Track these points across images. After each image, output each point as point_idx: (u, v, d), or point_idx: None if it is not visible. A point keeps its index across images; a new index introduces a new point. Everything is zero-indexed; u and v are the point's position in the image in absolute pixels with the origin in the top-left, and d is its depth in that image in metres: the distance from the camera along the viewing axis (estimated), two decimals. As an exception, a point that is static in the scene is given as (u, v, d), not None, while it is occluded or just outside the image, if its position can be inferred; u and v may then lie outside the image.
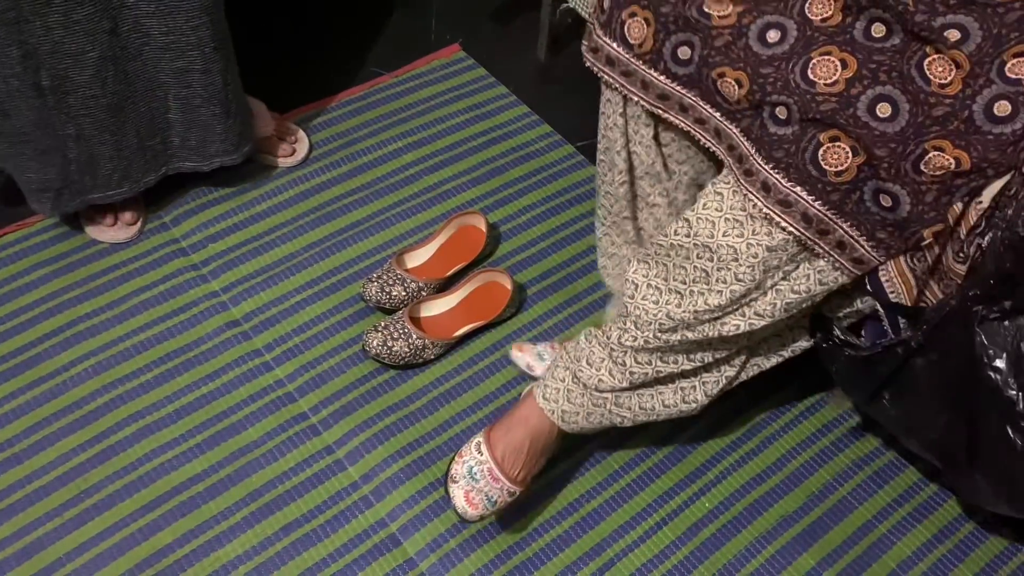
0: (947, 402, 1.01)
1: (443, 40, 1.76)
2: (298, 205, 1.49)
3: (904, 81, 0.89)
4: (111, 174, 1.32)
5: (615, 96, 1.09)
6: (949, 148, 0.87)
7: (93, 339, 1.31)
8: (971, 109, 0.87)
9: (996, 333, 0.91)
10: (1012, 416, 0.92)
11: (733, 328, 1.01)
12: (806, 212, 0.93)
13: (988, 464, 0.99)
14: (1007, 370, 0.91)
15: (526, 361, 1.29)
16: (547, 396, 1.12)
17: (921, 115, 0.88)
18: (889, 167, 0.88)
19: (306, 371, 1.30)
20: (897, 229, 0.91)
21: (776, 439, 1.30)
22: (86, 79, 1.21)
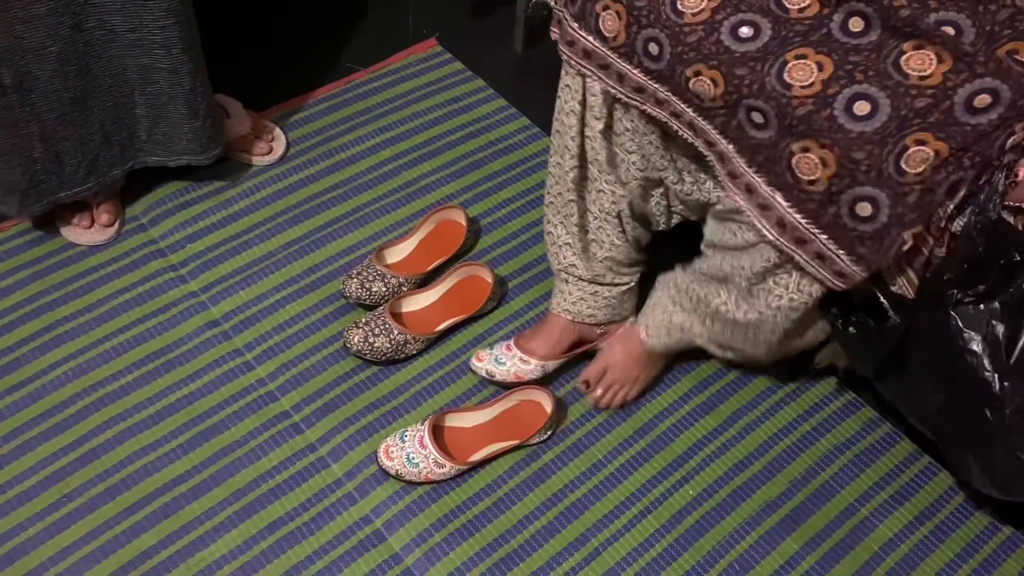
0: (936, 382, 1.02)
1: (420, 35, 1.75)
2: (276, 203, 1.48)
3: (882, 77, 0.88)
4: (76, 170, 1.31)
5: (575, 83, 1.09)
6: (931, 140, 0.86)
7: (72, 342, 1.31)
8: (952, 100, 0.87)
9: (971, 316, 0.92)
10: (989, 398, 0.93)
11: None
12: (782, 219, 0.93)
13: (974, 445, 1.00)
14: (982, 352, 0.92)
15: (486, 368, 1.28)
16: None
17: (904, 108, 0.87)
18: (868, 170, 0.88)
19: (287, 369, 1.30)
20: (876, 241, 0.90)
21: (758, 425, 1.30)
22: (48, 74, 1.20)
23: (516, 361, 1.27)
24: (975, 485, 1.08)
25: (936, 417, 1.06)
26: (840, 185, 0.89)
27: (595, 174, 1.17)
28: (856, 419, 1.32)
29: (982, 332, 0.92)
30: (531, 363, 1.27)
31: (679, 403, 1.31)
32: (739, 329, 1.11)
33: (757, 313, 1.06)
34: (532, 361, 1.27)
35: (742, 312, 1.08)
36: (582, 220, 1.22)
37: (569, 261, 1.25)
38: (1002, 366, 0.91)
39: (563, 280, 1.28)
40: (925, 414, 1.10)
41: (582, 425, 1.28)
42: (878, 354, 1.06)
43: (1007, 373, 0.90)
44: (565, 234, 1.24)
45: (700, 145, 1.01)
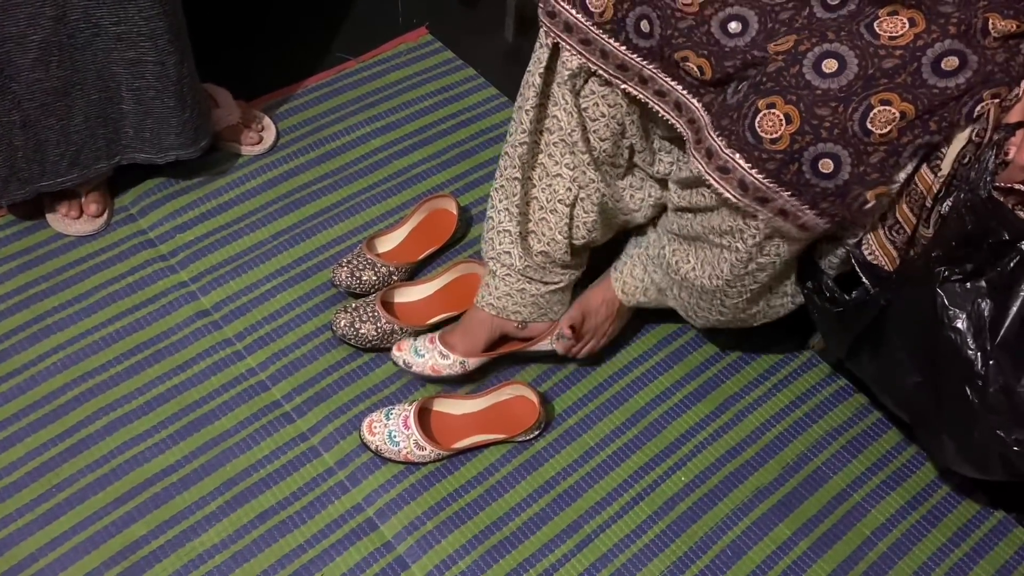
0: (915, 361, 1.02)
1: (410, 23, 1.74)
2: (266, 193, 1.47)
3: (853, 37, 0.89)
4: (59, 160, 1.30)
5: (542, 54, 1.08)
6: (896, 101, 0.87)
7: (61, 333, 1.30)
8: (920, 61, 0.87)
9: (957, 294, 0.92)
10: (970, 376, 0.93)
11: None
12: (743, 179, 0.93)
13: (952, 424, 1.00)
14: (966, 330, 0.92)
15: (403, 359, 1.25)
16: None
17: (871, 67, 0.88)
18: (832, 127, 0.88)
19: (278, 359, 1.29)
20: (839, 197, 0.91)
21: (750, 412, 1.30)
22: (29, 63, 1.18)
23: (436, 355, 1.24)
24: (947, 464, 1.08)
25: (911, 396, 1.06)
26: (802, 142, 0.89)
27: (555, 156, 1.14)
28: (848, 405, 1.32)
29: (967, 310, 0.92)
30: (450, 358, 1.23)
31: (672, 390, 1.31)
32: (707, 296, 1.11)
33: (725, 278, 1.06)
34: (451, 356, 1.23)
35: (707, 276, 1.07)
36: (524, 205, 1.18)
37: (504, 248, 1.20)
38: (986, 344, 0.91)
39: (491, 272, 1.23)
40: (899, 393, 1.10)
41: (574, 413, 1.28)
42: (853, 330, 1.06)
43: (992, 351, 0.91)
44: (507, 219, 1.19)
45: (681, 124, 1.01)
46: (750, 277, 1.05)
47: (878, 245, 1.02)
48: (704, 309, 1.14)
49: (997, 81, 0.87)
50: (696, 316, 1.17)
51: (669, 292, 1.19)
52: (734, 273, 1.04)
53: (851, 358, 1.13)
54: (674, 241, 1.12)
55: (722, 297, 1.09)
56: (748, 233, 0.99)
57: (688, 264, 1.10)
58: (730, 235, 1.01)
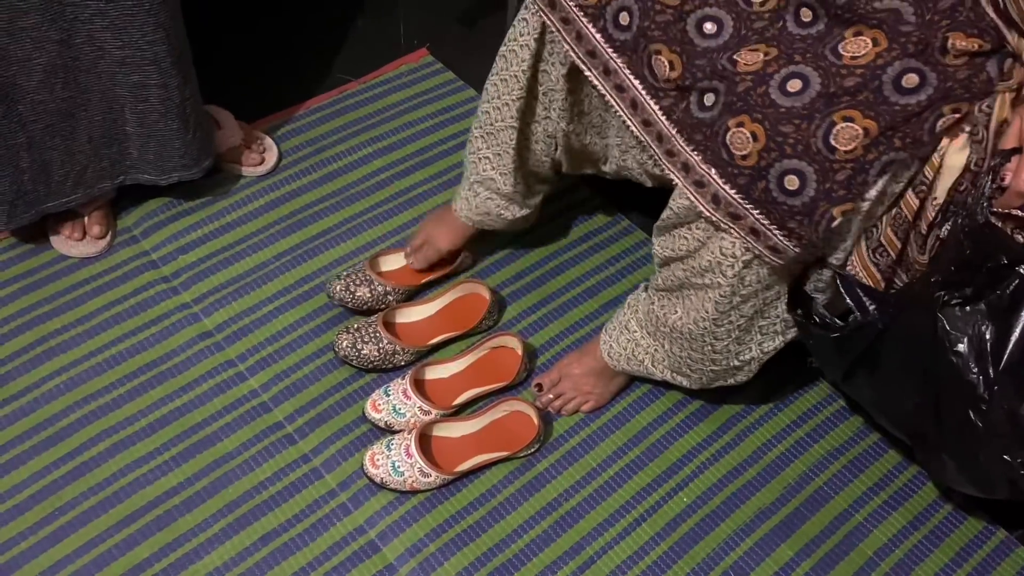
0: (914, 383, 1.02)
1: (411, 45, 1.76)
2: (268, 214, 1.48)
3: (817, 59, 0.91)
4: (64, 180, 1.31)
5: (534, 20, 1.09)
6: (859, 118, 0.89)
7: (64, 355, 1.30)
8: (880, 80, 0.89)
9: (957, 318, 0.92)
10: (973, 399, 0.93)
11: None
12: (716, 194, 0.95)
13: (953, 445, 1.01)
14: (968, 354, 0.93)
15: (385, 420, 1.23)
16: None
17: (833, 86, 0.90)
18: (796, 143, 0.90)
19: (280, 380, 1.30)
20: (805, 215, 0.92)
21: (752, 432, 1.30)
22: (34, 85, 1.20)
23: (416, 410, 1.24)
24: (949, 483, 1.09)
25: (911, 417, 1.06)
26: (769, 159, 0.91)
27: (545, 103, 1.17)
28: (848, 425, 1.32)
29: (968, 334, 0.93)
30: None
31: (673, 410, 1.31)
32: (696, 343, 1.11)
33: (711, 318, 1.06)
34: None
35: (693, 320, 1.08)
36: (520, 146, 1.22)
37: (488, 175, 1.26)
38: (989, 368, 0.91)
39: (474, 192, 1.30)
40: (898, 414, 1.10)
41: (576, 434, 1.28)
42: (850, 355, 1.06)
43: (995, 376, 0.91)
44: (495, 157, 1.24)
45: (635, 124, 1.03)
46: (736, 312, 1.05)
47: (862, 267, 1.02)
48: (696, 360, 1.14)
49: (958, 97, 0.89)
50: (690, 372, 1.17)
51: (659, 352, 1.18)
52: (719, 310, 1.05)
53: (847, 381, 1.13)
54: (662, 297, 1.13)
55: (711, 341, 1.09)
56: (726, 264, 1.00)
57: (676, 314, 1.11)
58: (711, 272, 1.02)
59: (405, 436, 1.20)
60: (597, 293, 1.44)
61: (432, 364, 1.29)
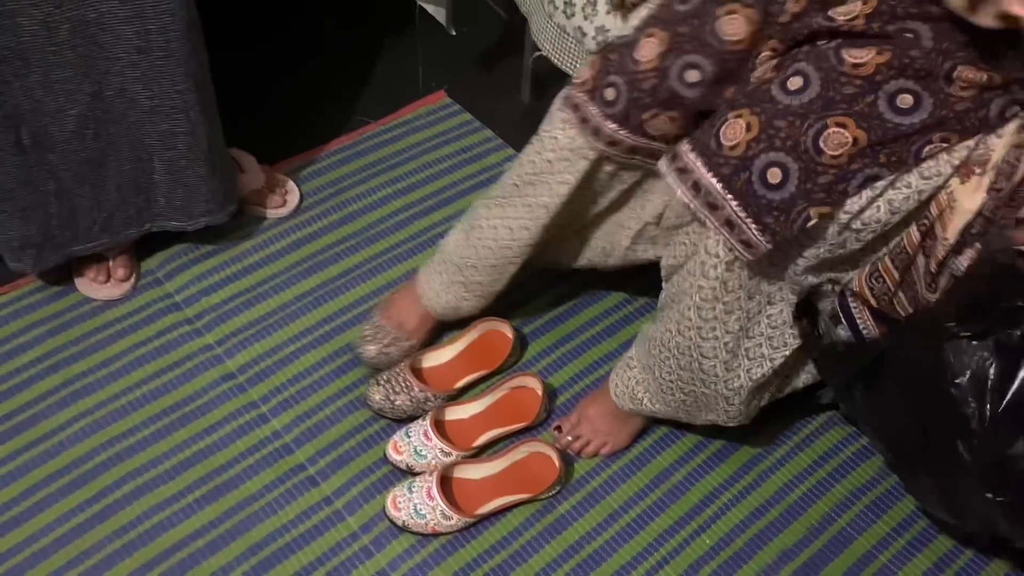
0: (908, 405, 1.03)
1: (429, 87, 1.78)
2: (290, 255, 1.50)
3: (820, 60, 0.93)
4: (91, 226, 1.33)
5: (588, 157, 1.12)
6: (851, 126, 0.91)
7: (89, 397, 1.32)
8: (877, 94, 0.90)
9: (963, 352, 0.93)
10: (964, 433, 0.93)
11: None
12: (698, 181, 0.97)
13: (935, 470, 1.01)
14: (967, 388, 0.93)
15: (406, 463, 1.24)
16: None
17: (832, 90, 0.91)
18: (786, 139, 0.92)
19: (302, 421, 1.31)
20: (783, 212, 0.94)
21: (773, 472, 1.30)
22: (66, 136, 1.22)
23: (437, 452, 1.24)
24: (925, 506, 1.09)
25: (898, 438, 1.07)
26: (756, 149, 0.93)
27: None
28: (871, 464, 1.31)
29: (971, 368, 0.93)
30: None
31: (694, 451, 1.31)
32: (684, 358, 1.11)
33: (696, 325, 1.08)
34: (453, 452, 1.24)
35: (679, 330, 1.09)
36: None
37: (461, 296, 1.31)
38: (987, 406, 0.92)
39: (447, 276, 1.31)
40: (886, 432, 1.10)
41: (597, 475, 1.28)
42: (851, 367, 1.07)
43: (991, 414, 0.91)
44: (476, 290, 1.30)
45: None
46: (721, 326, 1.06)
47: (859, 290, 1.03)
48: (686, 382, 1.13)
49: (950, 128, 0.90)
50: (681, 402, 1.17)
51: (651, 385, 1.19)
52: (703, 316, 1.06)
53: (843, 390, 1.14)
54: (663, 318, 1.14)
55: (699, 357, 1.10)
56: (709, 264, 1.02)
57: (667, 329, 1.12)
58: (693, 276, 1.04)
59: (426, 478, 1.21)
60: (615, 332, 1.45)
61: (452, 405, 1.30)
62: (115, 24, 1.16)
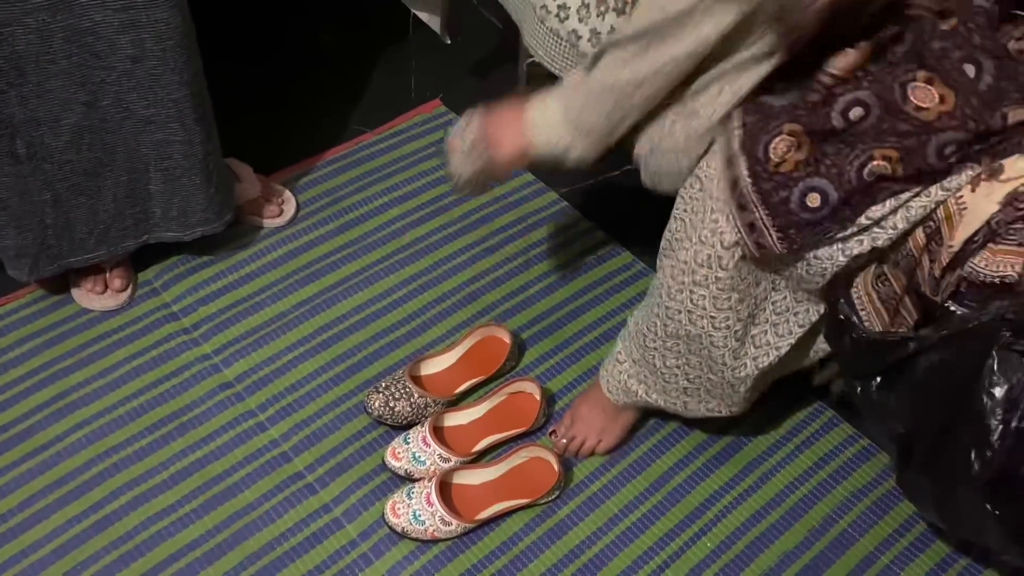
0: (930, 405, 1.02)
1: (423, 96, 1.79)
2: (287, 264, 1.50)
3: (883, 91, 0.93)
4: (87, 238, 1.33)
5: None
6: (895, 158, 0.91)
7: (86, 408, 1.31)
8: (930, 140, 0.90)
9: (1009, 363, 0.91)
10: (981, 443, 0.92)
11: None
12: (737, 180, 0.97)
13: (939, 474, 1.00)
14: (1000, 400, 0.92)
15: (405, 469, 1.24)
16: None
17: (887, 124, 0.91)
18: (831, 166, 0.92)
19: (300, 429, 1.30)
20: (811, 228, 0.94)
21: (774, 474, 1.30)
22: (61, 145, 1.22)
23: (436, 458, 1.24)
24: (918, 507, 1.08)
25: (908, 436, 1.06)
26: (803, 172, 0.93)
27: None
28: (872, 465, 1.31)
29: (1012, 381, 0.92)
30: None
31: (694, 454, 1.31)
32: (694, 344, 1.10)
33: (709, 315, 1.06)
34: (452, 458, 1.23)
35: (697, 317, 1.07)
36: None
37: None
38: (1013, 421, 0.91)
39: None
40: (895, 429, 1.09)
41: (597, 479, 1.27)
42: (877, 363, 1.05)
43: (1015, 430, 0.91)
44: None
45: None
46: (733, 313, 1.05)
47: (864, 292, 1.03)
48: (694, 368, 1.13)
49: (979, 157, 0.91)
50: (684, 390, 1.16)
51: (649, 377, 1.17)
52: (717, 306, 1.05)
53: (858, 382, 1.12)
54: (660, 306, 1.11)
55: (709, 346, 1.09)
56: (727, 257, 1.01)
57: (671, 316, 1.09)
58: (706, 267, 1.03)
59: (425, 484, 1.20)
60: (612, 337, 1.43)
61: (451, 411, 1.30)
62: (109, 33, 1.16)
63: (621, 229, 1.58)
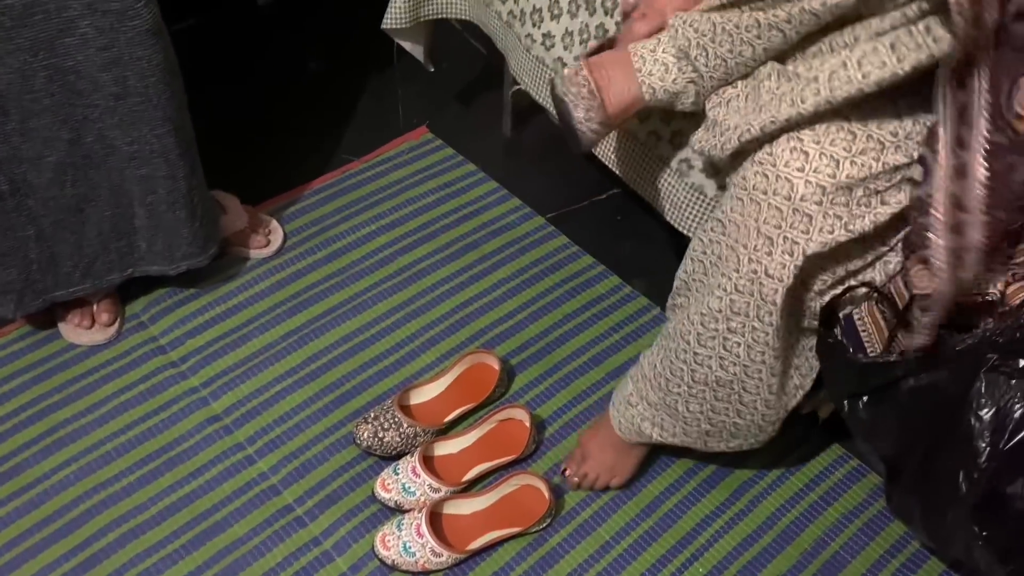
0: (919, 426, 1.02)
1: (410, 123, 1.80)
2: (275, 295, 1.50)
3: None
4: (72, 272, 1.33)
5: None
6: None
7: (74, 444, 1.30)
8: None
9: (996, 385, 0.92)
10: (970, 466, 0.93)
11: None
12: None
13: (928, 495, 1.00)
14: (988, 423, 0.92)
15: (395, 500, 1.23)
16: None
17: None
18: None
19: (289, 462, 1.30)
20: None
21: (765, 497, 1.29)
22: (45, 182, 1.22)
23: (426, 488, 1.23)
24: (908, 526, 1.09)
25: (897, 457, 1.06)
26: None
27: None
28: (862, 486, 1.31)
29: (998, 404, 0.92)
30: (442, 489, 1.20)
31: (684, 479, 1.30)
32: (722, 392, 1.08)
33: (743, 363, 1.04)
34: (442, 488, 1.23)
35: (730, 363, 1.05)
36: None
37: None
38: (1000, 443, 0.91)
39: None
40: (884, 449, 1.09)
41: (587, 506, 1.27)
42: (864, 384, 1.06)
43: (1001, 451, 0.91)
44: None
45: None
46: (767, 364, 1.04)
47: (868, 312, 1.03)
48: (719, 414, 1.11)
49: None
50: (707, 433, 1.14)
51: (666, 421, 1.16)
52: (752, 357, 1.04)
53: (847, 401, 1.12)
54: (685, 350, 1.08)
55: (740, 392, 1.08)
56: (765, 311, 0.99)
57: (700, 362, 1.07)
58: (743, 316, 1.00)
59: (415, 515, 1.20)
60: (602, 361, 1.44)
61: (441, 440, 1.29)
62: (92, 71, 1.17)
63: (608, 252, 1.59)
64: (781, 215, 0.96)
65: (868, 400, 1.08)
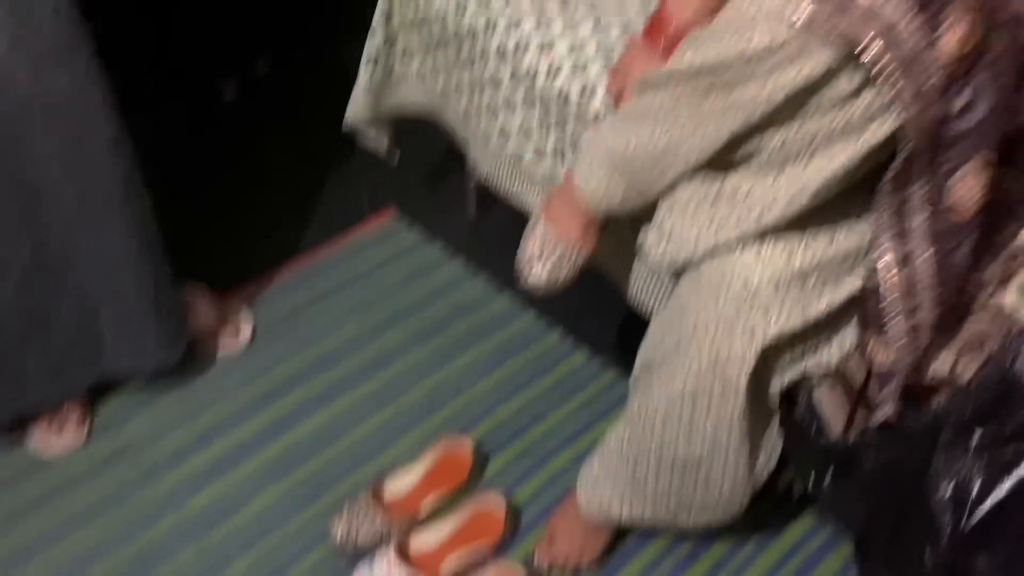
0: (883, 500, 1.03)
1: (377, 206, 1.82)
2: (245, 389, 1.49)
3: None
4: (38, 381, 1.32)
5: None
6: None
7: (43, 555, 1.28)
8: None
9: (955, 459, 0.93)
10: (935, 540, 0.94)
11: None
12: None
13: (897, 568, 1.01)
14: (949, 499, 0.94)
15: None
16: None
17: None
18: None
19: (264, 564, 1.28)
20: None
21: (743, 571, 1.30)
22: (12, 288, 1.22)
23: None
24: None
25: (865, 531, 1.07)
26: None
27: None
28: (837, 556, 1.31)
29: (956, 479, 0.94)
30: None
31: (658, 560, 1.30)
32: (691, 471, 1.09)
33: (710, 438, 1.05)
34: None
35: (698, 440, 1.06)
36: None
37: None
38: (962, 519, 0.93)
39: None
40: (852, 524, 1.10)
41: (565, 593, 1.27)
42: (825, 463, 1.07)
43: (964, 527, 0.92)
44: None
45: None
46: (738, 438, 1.05)
47: (826, 394, 1.05)
48: (689, 490, 1.11)
49: None
50: (682, 501, 1.14)
51: (636, 499, 1.16)
52: (717, 434, 1.04)
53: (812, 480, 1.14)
54: (650, 428, 1.09)
55: (708, 469, 1.09)
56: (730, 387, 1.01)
57: (667, 440, 1.08)
58: (707, 396, 1.02)
59: (383, 549, 1.18)
60: (576, 439, 1.45)
61: (417, 531, 1.29)
62: (53, 180, 1.18)
63: (578, 326, 1.60)
64: (738, 305, 0.99)
65: (833, 477, 1.10)
